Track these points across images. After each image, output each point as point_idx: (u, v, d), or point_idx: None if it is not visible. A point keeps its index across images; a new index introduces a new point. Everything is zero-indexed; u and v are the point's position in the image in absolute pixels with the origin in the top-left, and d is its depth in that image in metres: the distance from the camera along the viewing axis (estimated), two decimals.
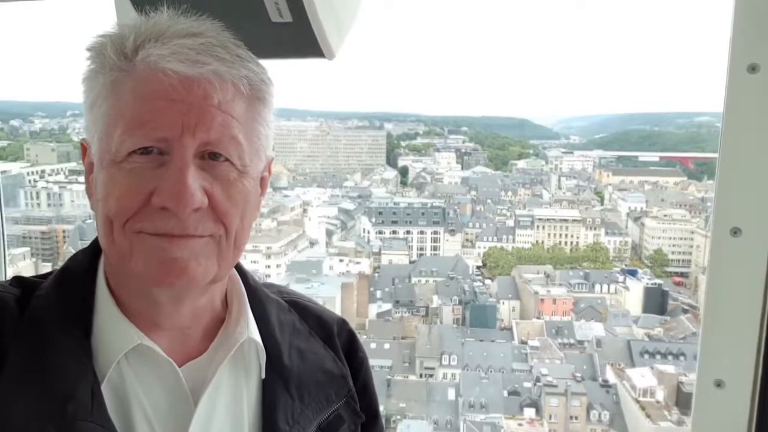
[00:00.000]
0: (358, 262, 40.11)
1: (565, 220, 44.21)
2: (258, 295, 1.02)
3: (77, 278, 0.93)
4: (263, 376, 0.96)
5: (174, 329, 0.91)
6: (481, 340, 32.68)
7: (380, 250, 44.18)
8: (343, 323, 1.12)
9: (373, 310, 36.93)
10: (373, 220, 46.77)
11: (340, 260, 39.94)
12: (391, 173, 57.76)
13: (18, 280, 0.95)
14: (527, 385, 28.49)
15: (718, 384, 1.28)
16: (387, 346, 32.08)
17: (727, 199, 1.25)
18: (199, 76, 0.83)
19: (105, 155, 0.86)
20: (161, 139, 0.83)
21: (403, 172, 58.57)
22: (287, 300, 1.08)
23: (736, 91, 1.23)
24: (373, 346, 31.44)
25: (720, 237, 1.25)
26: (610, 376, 29.03)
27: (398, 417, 27.24)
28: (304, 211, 44.95)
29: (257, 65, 0.91)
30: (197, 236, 0.85)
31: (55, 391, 0.83)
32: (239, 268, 1.02)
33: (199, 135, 0.83)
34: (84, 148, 0.93)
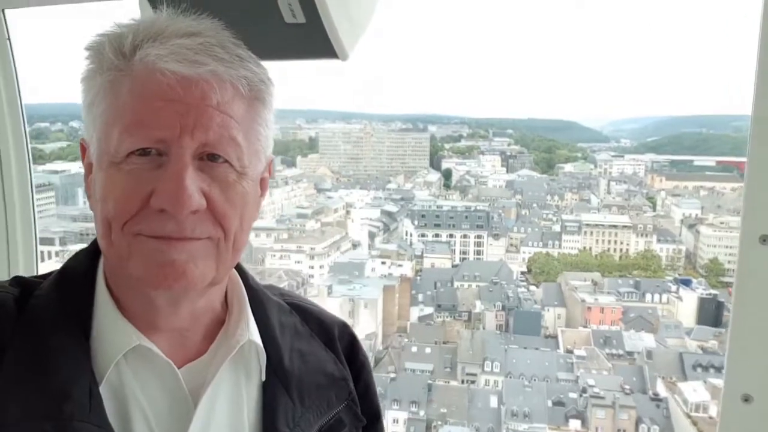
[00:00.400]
0: (400, 265, 40.03)
1: (615, 226, 42.90)
2: (259, 296, 1.02)
3: (77, 279, 0.93)
4: (263, 378, 0.96)
5: (173, 331, 0.91)
6: (525, 348, 32.06)
7: (422, 253, 43.98)
8: (344, 326, 1.12)
9: (415, 313, 36.75)
10: (416, 222, 46.62)
11: (382, 262, 39.95)
12: (434, 176, 57.51)
13: (17, 281, 0.95)
14: (573, 395, 27.76)
15: (746, 399, 1.26)
16: (428, 350, 31.83)
17: (756, 206, 1.21)
18: (198, 76, 0.82)
19: (103, 156, 0.85)
20: (159, 140, 0.82)
21: (447, 175, 58.23)
22: (288, 302, 1.08)
23: (763, 95, 1.20)
24: (414, 349, 31.25)
25: (748, 245, 1.22)
26: (661, 390, 28.08)
27: (439, 422, 27.00)
28: (347, 212, 45.22)
29: (257, 65, 0.90)
30: (195, 239, 0.85)
31: (52, 391, 0.82)
32: (240, 270, 1.03)
33: (198, 136, 0.82)
34: (83, 148, 0.93)
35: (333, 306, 28.70)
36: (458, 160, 58.34)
